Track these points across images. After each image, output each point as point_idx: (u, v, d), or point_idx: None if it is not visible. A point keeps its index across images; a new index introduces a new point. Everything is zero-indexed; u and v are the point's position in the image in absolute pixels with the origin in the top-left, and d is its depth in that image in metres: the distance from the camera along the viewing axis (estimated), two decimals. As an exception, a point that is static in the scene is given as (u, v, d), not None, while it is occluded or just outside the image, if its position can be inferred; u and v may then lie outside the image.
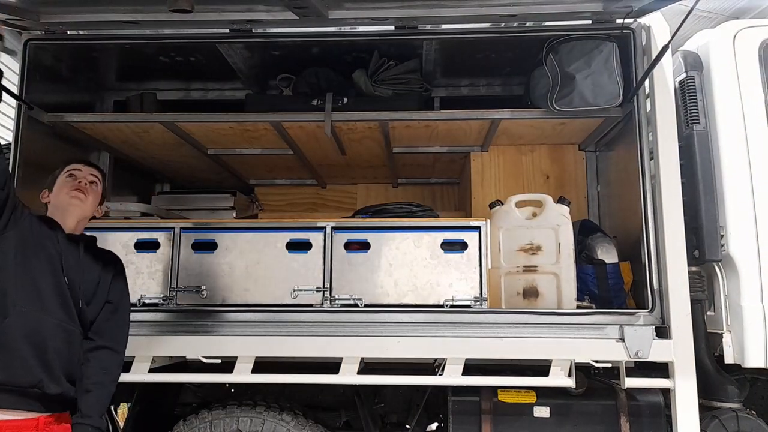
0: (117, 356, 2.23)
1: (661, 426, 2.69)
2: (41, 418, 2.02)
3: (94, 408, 2.11)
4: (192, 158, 3.76)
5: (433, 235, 2.78)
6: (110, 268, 2.33)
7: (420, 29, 2.95)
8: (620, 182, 3.19)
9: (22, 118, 2.97)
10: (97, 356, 2.17)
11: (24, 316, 2.03)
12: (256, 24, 2.87)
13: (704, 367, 2.84)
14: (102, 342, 2.20)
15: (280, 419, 2.85)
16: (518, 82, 3.62)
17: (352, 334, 2.67)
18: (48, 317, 2.08)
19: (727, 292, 2.88)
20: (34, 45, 3.03)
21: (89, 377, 2.13)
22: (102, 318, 2.24)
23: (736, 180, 2.86)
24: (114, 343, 2.23)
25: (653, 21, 2.84)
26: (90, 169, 2.38)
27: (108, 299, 2.26)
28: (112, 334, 2.25)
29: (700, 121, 2.96)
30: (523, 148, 3.61)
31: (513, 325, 2.65)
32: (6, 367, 1.97)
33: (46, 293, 2.09)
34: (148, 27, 2.94)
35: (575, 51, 2.88)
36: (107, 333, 2.23)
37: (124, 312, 2.32)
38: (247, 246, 2.84)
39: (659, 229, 2.69)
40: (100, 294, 2.25)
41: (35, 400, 2.02)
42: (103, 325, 2.23)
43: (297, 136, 3.33)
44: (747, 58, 2.96)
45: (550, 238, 2.89)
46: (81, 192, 2.29)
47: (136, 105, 3.47)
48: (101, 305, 2.24)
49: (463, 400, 2.78)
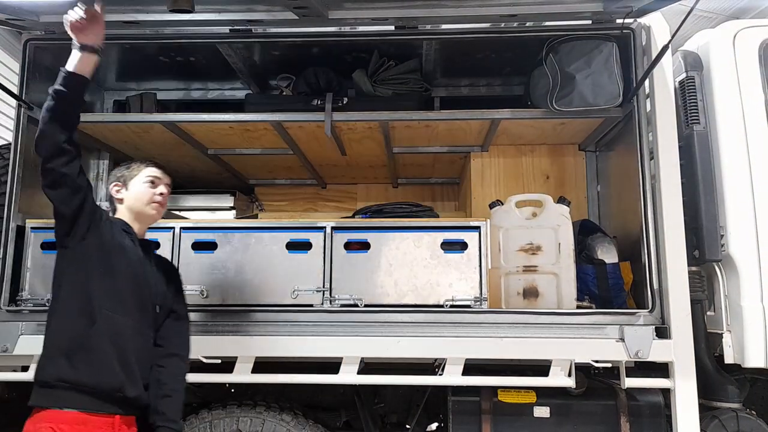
0: (185, 365, 2.28)
1: (661, 426, 2.69)
2: (117, 417, 2.03)
3: (177, 413, 2.17)
4: (192, 158, 3.76)
5: (433, 235, 2.78)
6: (174, 276, 2.37)
7: (420, 29, 2.95)
8: (620, 182, 3.19)
9: (21, 118, 2.97)
10: (171, 363, 2.21)
11: (109, 321, 2.04)
12: (256, 24, 2.87)
13: (704, 367, 2.84)
14: (173, 350, 2.24)
15: (280, 419, 2.85)
16: (518, 82, 3.62)
17: (352, 334, 2.68)
18: (129, 321, 2.09)
19: (727, 292, 2.88)
20: (34, 45, 3.03)
21: (166, 383, 2.17)
22: (168, 326, 2.27)
23: (736, 180, 2.86)
24: (184, 352, 2.28)
25: (653, 21, 2.84)
26: (166, 176, 2.36)
27: (173, 308, 2.30)
28: (180, 342, 2.29)
29: (700, 121, 2.96)
30: (523, 148, 3.60)
31: (513, 325, 2.65)
32: (92, 372, 1.99)
33: (128, 297, 2.11)
34: (148, 27, 2.94)
35: (575, 51, 2.88)
36: (175, 341, 2.27)
37: (187, 321, 2.36)
38: (247, 246, 2.84)
39: (659, 229, 2.69)
40: (168, 301, 2.28)
41: (115, 403, 2.02)
42: (171, 333, 2.27)
43: (297, 136, 3.33)
44: (747, 58, 2.96)
45: (550, 238, 2.89)
46: (162, 206, 2.30)
47: (136, 105, 3.46)
48: (168, 313, 2.28)
49: (463, 400, 2.77)
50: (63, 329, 2.03)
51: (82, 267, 2.07)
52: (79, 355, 1.99)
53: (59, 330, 2.03)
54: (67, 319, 2.03)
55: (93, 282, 2.06)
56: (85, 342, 2.00)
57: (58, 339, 2.02)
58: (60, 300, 2.07)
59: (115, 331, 2.04)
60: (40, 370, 2.02)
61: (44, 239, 2.88)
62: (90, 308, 2.03)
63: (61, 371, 1.97)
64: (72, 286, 2.06)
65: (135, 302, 2.13)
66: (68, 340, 2.00)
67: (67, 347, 1.99)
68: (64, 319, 2.04)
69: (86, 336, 2.01)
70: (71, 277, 2.07)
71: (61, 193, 2.02)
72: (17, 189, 2.91)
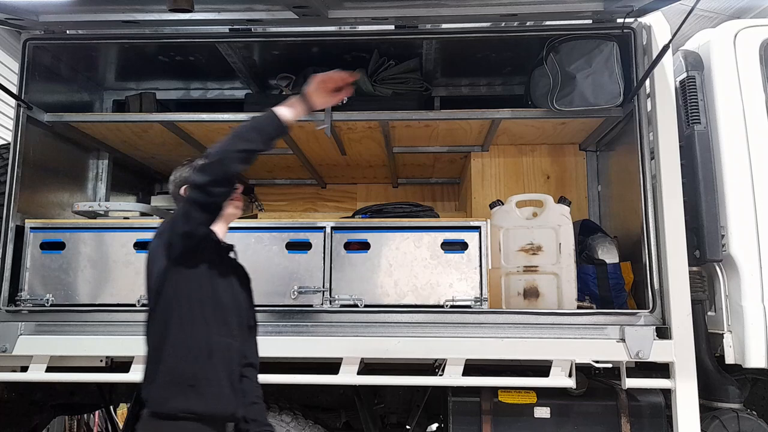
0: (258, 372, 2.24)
1: (661, 426, 2.69)
2: None
3: (266, 418, 2.20)
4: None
5: (433, 235, 2.78)
6: (249, 282, 2.28)
7: (420, 29, 2.94)
8: (621, 182, 3.18)
9: (21, 118, 2.96)
10: (251, 373, 2.18)
11: (222, 346, 2.00)
12: (255, 23, 2.86)
13: (705, 368, 2.84)
14: (251, 359, 2.19)
15: (279, 419, 2.84)
16: (519, 81, 3.62)
17: (352, 334, 2.67)
18: (234, 343, 2.05)
19: (728, 292, 2.87)
20: (33, 45, 3.02)
21: (251, 392, 2.14)
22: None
23: (737, 180, 2.86)
24: (257, 360, 2.23)
25: (654, 21, 2.83)
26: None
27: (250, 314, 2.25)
28: (255, 351, 2.24)
29: (701, 121, 2.95)
30: (523, 147, 3.60)
31: (513, 325, 2.65)
32: (213, 401, 1.94)
33: (232, 319, 2.07)
34: (147, 26, 2.94)
35: (576, 50, 2.88)
36: (252, 350, 2.22)
37: (257, 328, 2.29)
38: (246, 246, 2.83)
39: (660, 229, 2.68)
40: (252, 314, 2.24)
41: (222, 428, 2.01)
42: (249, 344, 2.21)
43: (297, 135, 3.33)
44: (748, 58, 2.95)
45: (551, 238, 2.88)
46: (241, 201, 2.25)
47: (136, 105, 3.47)
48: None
49: (463, 401, 2.77)
50: (183, 358, 1.93)
51: (197, 287, 1.99)
52: (202, 385, 1.92)
53: (179, 359, 1.93)
54: (187, 348, 1.94)
55: (207, 305, 2.00)
56: (206, 372, 1.94)
57: (178, 369, 1.92)
58: (174, 323, 1.95)
59: (227, 356, 2.01)
60: (163, 402, 1.91)
61: (43, 239, 2.88)
62: (207, 334, 1.97)
63: (189, 403, 1.89)
64: (189, 308, 1.97)
65: (236, 323, 2.08)
66: (190, 370, 1.92)
67: (191, 378, 1.92)
68: (183, 346, 1.94)
69: (207, 366, 1.95)
70: (186, 300, 1.97)
71: (208, 217, 1.95)
72: (16, 189, 2.90)
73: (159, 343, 1.95)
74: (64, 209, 3.34)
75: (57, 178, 3.33)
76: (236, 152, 1.91)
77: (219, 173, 1.90)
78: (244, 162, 1.93)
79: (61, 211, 3.32)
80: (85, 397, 3.58)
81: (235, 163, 1.91)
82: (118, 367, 2.85)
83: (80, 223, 3.01)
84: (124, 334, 2.72)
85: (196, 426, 1.90)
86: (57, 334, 2.75)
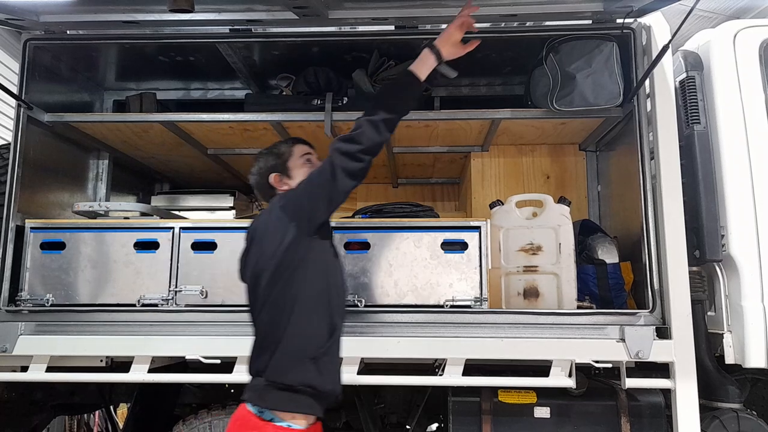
0: None
1: (661, 426, 2.69)
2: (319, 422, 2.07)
3: None
4: (192, 158, 3.76)
5: (433, 235, 2.78)
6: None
7: (420, 29, 2.94)
8: (621, 182, 3.18)
9: (21, 117, 2.96)
10: None
11: (338, 325, 2.06)
12: (255, 24, 2.86)
13: (705, 368, 2.84)
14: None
15: (280, 419, 2.84)
16: (519, 81, 3.62)
17: (351, 334, 2.67)
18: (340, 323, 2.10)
19: (728, 292, 2.87)
20: (33, 45, 3.02)
21: None
22: None
23: (737, 180, 2.86)
24: None
25: (653, 21, 2.83)
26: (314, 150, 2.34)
27: None
28: None
29: (701, 121, 2.95)
30: (523, 148, 3.60)
31: (513, 325, 2.65)
32: (331, 378, 2.00)
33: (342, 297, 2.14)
34: (148, 27, 2.94)
35: (576, 51, 2.88)
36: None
37: None
38: (246, 246, 2.83)
39: (660, 229, 2.68)
40: None
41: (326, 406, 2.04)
42: None
43: (297, 135, 3.32)
44: (747, 58, 2.96)
45: (551, 238, 2.88)
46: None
47: (136, 105, 3.47)
48: None
49: (463, 401, 2.77)
50: (310, 333, 1.97)
51: (324, 262, 2.05)
52: (323, 361, 1.96)
53: (306, 334, 1.97)
54: (314, 322, 1.98)
55: (332, 282, 2.05)
56: (328, 349, 1.99)
57: (304, 343, 1.96)
58: (304, 298, 1.98)
59: (339, 336, 2.06)
60: (283, 373, 1.93)
61: (43, 239, 2.89)
62: (330, 309, 2.01)
63: (309, 376, 1.92)
64: (316, 280, 2.00)
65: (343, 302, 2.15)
66: (315, 345, 1.96)
67: (315, 352, 1.95)
68: (310, 321, 1.98)
69: (330, 341, 2.00)
70: (318, 274, 2.01)
71: (354, 185, 2.01)
72: (17, 189, 2.90)
73: (283, 316, 1.96)
74: (64, 209, 3.34)
75: (57, 178, 3.33)
76: (386, 121, 1.99)
77: (374, 140, 1.97)
78: (393, 129, 2.03)
79: (61, 211, 3.32)
80: (85, 397, 3.58)
81: (386, 131, 2.00)
82: (118, 367, 2.85)
83: (80, 223, 3.01)
84: (124, 334, 2.72)
85: (310, 401, 1.95)
86: (57, 334, 2.75)
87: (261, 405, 1.93)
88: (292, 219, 1.99)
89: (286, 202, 2.06)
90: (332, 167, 1.97)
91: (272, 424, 1.89)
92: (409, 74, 2.08)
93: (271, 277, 1.99)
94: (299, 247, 1.98)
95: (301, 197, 2.03)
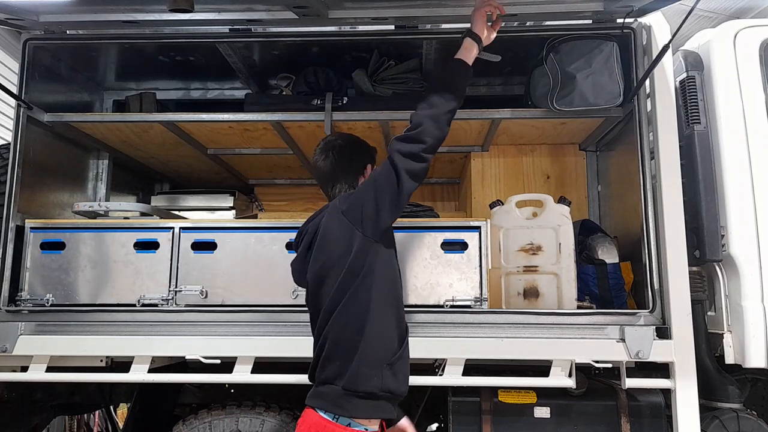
0: None
1: (661, 426, 2.69)
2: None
3: None
4: (192, 158, 3.75)
5: (433, 235, 2.78)
6: None
7: (420, 29, 2.94)
8: (621, 182, 3.18)
9: (21, 117, 2.96)
10: None
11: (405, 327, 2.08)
12: (255, 23, 2.86)
13: (705, 368, 2.84)
14: None
15: (280, 419, 2.85)
16: (519, 81, 3.62)
17: (352, 334, 2.67)
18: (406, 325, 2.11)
19: (728, 292, 2.87)
20: (33, 45, 3.02)
21: None
22: None
23: (737, 180, 2.86)
24: None
25: (654, 21, 2.83)
26: None
27: None
28: None
29: (701, 121, 2.95)
30: (523, 147, 3.60)
31: (513, 325, 2.65)
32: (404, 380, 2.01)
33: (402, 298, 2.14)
34: (147, 27, 2.94)
35: (576, 50, 2.87)
36: None
37: None
38: (247, 246, 2.84)
39: (660, 229, 2.68)
40: None
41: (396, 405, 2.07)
42: None
43: (297, 135, 3.33)
44: (747, 58, 2.96)
45: (551, 238, 2.88)
46: None
47: (136, 105, 3.47)
48: None
49: (463, 401, 2.77)
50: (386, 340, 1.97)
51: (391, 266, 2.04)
52: (398, 365, 1.96)
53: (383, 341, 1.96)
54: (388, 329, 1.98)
55: (396, 282, 2.05)
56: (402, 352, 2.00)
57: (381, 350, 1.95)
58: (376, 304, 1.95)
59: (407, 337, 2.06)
60: (364, 381, 1.92)
61: (43, 239, 2.88)
62: (399, 314, 2.01)
63: (387, 382, 1.93)
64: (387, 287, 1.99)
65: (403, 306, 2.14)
66: (391, 351, 1.96)
67: (391, 358, 1.95)
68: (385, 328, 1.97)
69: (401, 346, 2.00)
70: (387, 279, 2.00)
71: (416, 186, 1.97)
72: (17, 189, 2.90)
73: (357, 324, 1.94)
74: (64, 209, 3.34)
75: (57, 178, 3.33)
76: (446, 113, 1.98)
77: (436, 136, 1.95)
78: (451, 122, 2.00)
79: (61, 211, 3.32)
80: (85, 397, 3.58)
81: (447, 125, 1.99)
82: (118, 367, 2.85)
83: (80, 223, 3.01)
84: (124, 334, 2.72)
85: (388, 405, 1.97)
86: (57, 334, 2.75)
87: (339, 413, 1.91)
88: (357, 225, 1.96)
89: (349, 206, 2.01)
90: (396, 170, 1.92)
91: (350, 429, 1.90)
92: (459, 62, 2.07)
93: (339, 283, 1.96)
94: (368, 254, 1.96)
95: (366, 202, 1.96)
